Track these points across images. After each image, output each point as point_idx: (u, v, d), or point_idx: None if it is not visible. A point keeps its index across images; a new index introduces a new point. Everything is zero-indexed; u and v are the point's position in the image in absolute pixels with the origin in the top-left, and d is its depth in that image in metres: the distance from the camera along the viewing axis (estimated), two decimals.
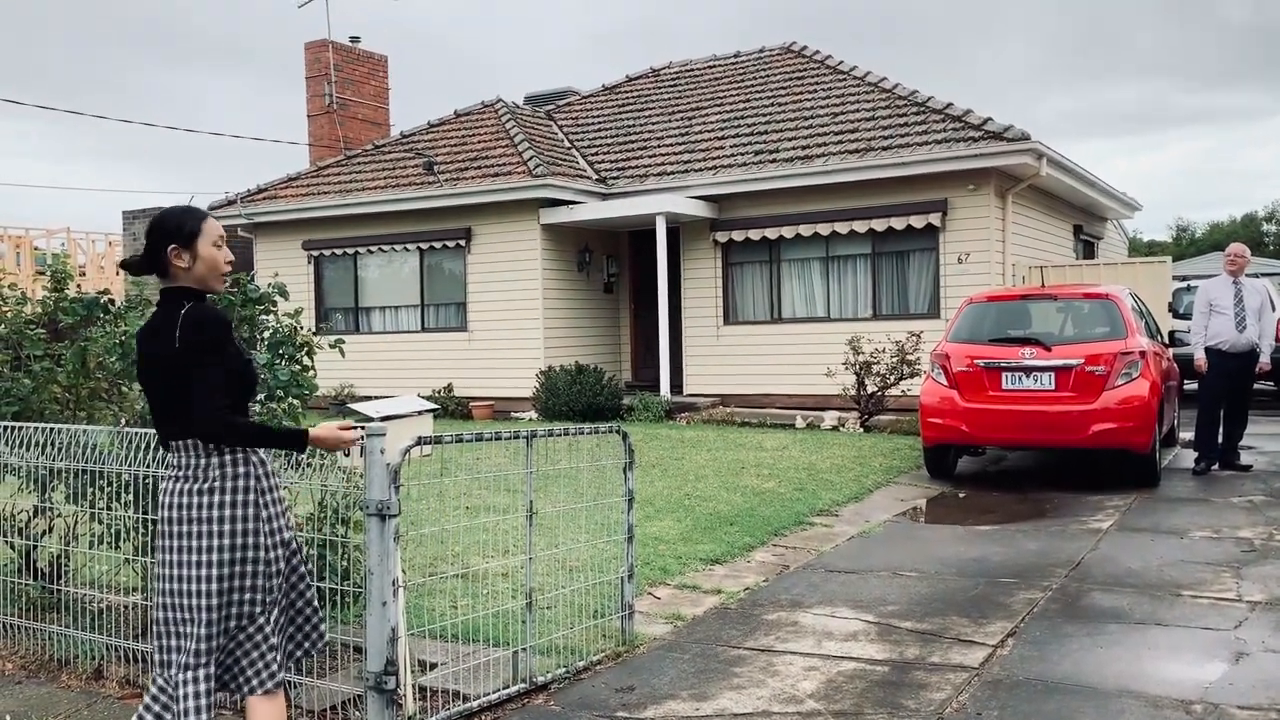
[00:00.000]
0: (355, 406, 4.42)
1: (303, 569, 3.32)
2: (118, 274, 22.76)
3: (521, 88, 58.39)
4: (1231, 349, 9.33)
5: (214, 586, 3.04)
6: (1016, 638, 4.93)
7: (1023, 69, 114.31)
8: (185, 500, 3.07)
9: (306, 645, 3.34)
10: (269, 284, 5.42)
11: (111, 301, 5.37)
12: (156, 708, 3.09)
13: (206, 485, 3.08)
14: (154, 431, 3.32)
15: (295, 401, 5.14)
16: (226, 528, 3.06)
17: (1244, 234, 53.37)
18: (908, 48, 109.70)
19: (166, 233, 3.14)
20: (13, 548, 5.07)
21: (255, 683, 3.10)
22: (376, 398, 12.24)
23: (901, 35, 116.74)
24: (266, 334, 5.27)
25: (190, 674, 3.03)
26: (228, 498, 3.08)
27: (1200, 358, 9.48)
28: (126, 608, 4.72)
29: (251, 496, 3.12)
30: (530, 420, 14.75)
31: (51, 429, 4.71)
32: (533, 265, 15.54)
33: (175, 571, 3.07)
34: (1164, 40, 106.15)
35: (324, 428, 3.33)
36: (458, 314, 16.41)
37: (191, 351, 3.04)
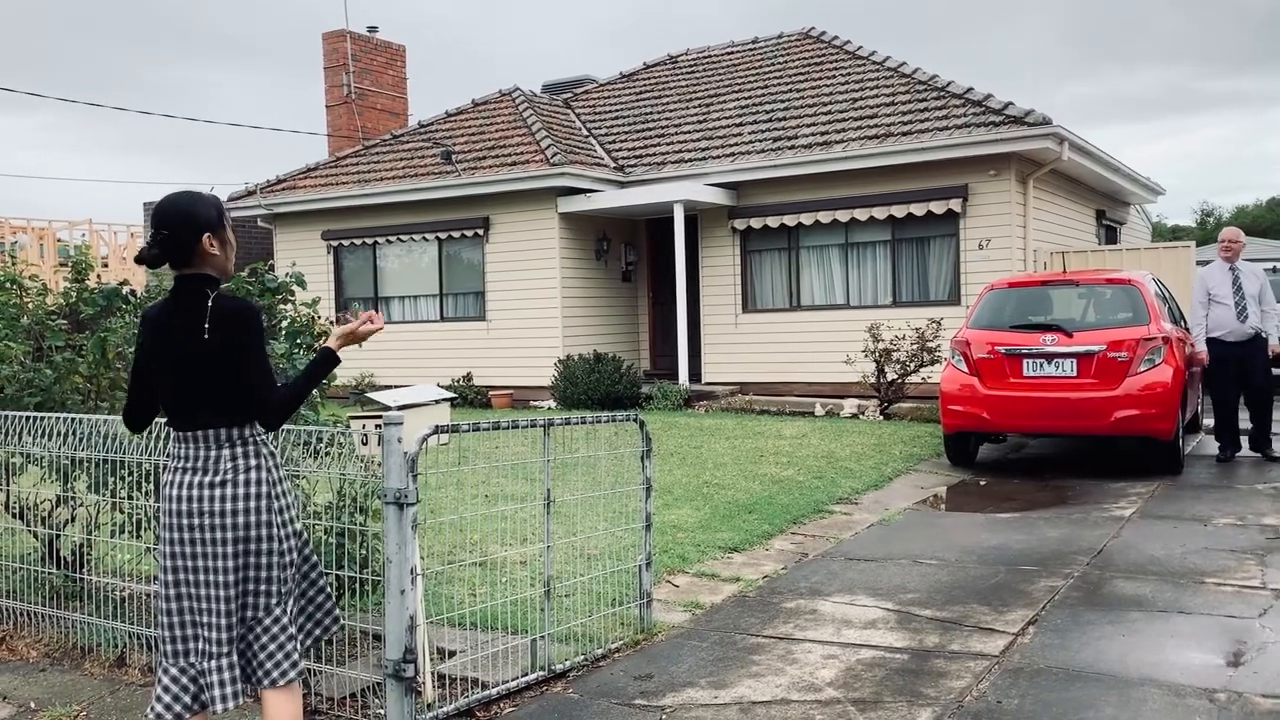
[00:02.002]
0: (373, 395, 4.42)
1: (314, 557, 3.32)
2: (140, 265, 22.92)
3: (537, 78, 58.36)
4: (1233, 338, 9.13)
5: (232, 578, 3.04)
6: (1038, 625, 4.89)
7: (1041, 54, 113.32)
8: (196, 494, 3.04)
9: (318, 632, 3.34)
10: (287, 273, 5.44)
11: (132, 292, 5.40)
12: (167, 698, 3.07)
13: (219, 479, 3.05)
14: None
15: (313, 390, 5.15)
16: (240, 520, 3.04)
17: (1270, 218, 52.80)
18: (923, 33, 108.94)
19: (202, 222, 3.08)
20: (36, 536, 5.12)
21: (277, 674, 3.09)
22: (396, 387, 12.34)
23: (917, 21, 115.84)
24: (285, 324, 5.28)
25: (215, 662, 3.04)
26: (240, 490, 3.06)
27: (1202, 349, 9.31)
28: (148, 596, 4.75)
29: (264, 489, 3.09)
30: (549, 409, 14.76)
31: (73, 419, 4.74)
32: (551, 254, 15.54)
33: (190, 564, 3.05)
34: (1184, 25, 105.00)
35: (341, 333, 3.32)
36: (476, 303, 16.44)
37: (236, 347, 3.04)
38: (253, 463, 3.10)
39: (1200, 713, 3.82)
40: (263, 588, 3.09)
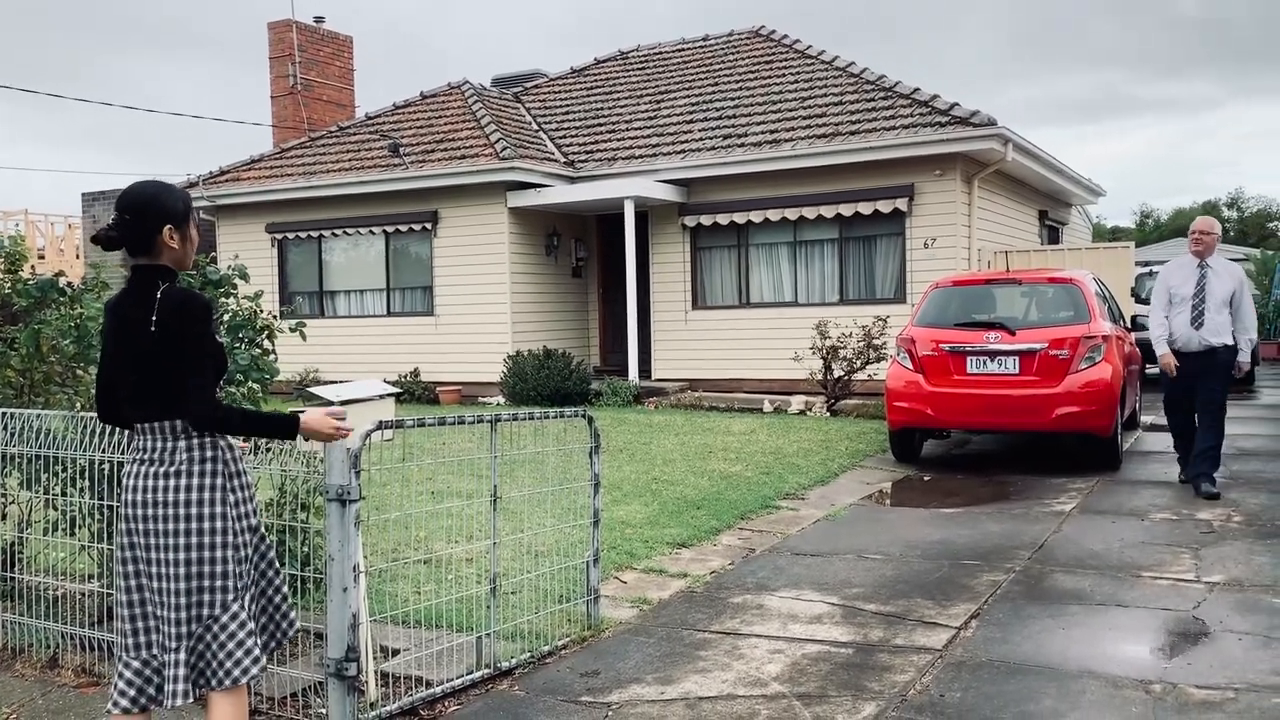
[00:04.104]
0: (316, 390, 4.35)
1: (272, 555, 3.27)
2: (77, 257, 22.38)
3: (487, 71, 58.02)
4: (1184, 348, 7.78)
5: (183, 570, 3.01)
6: (980, 619, 4.96)
7: (984, 58, 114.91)
8: (151, 484, 3.02)
9: (279, 635, 3.30)
10: (229, 266, 5.34)
11: (69, 284, 5.27)
12: (132, 692, 3.06)
13: (174, 469, 3.03)
14: None
15: (255, 386, 5.07)
16: (194, 511, 3.02)
17: None
18: (870, 37, 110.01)
19: (166, 213, 3.04)
20: None
21: (238, 672, 3.03)
22: (340, 382, 12.20)
23: (863, 25, 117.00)
24: (226, 317, 5.19)
25: (170, 655, 3.02)
26: (195, 481, 3.03)
27: (1165, 352, 7.84)
28: (83, 595, 4.64)
29: (219, 480, 3.07)
30: (498, 405, 14.68)
31: (5, 413, 4.61)
32: (500, 249, 15.44)
33: (145, 555, 3.03)
34: (1121, 30, 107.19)
35: (315, 415, 3.24)
36: (424, 298, 16.29)
37: (178, 338, 2.98)
38: (208, 454, 3.08)
39: (1136, 703, 3.90)
40: (218, 583, 3.04)
